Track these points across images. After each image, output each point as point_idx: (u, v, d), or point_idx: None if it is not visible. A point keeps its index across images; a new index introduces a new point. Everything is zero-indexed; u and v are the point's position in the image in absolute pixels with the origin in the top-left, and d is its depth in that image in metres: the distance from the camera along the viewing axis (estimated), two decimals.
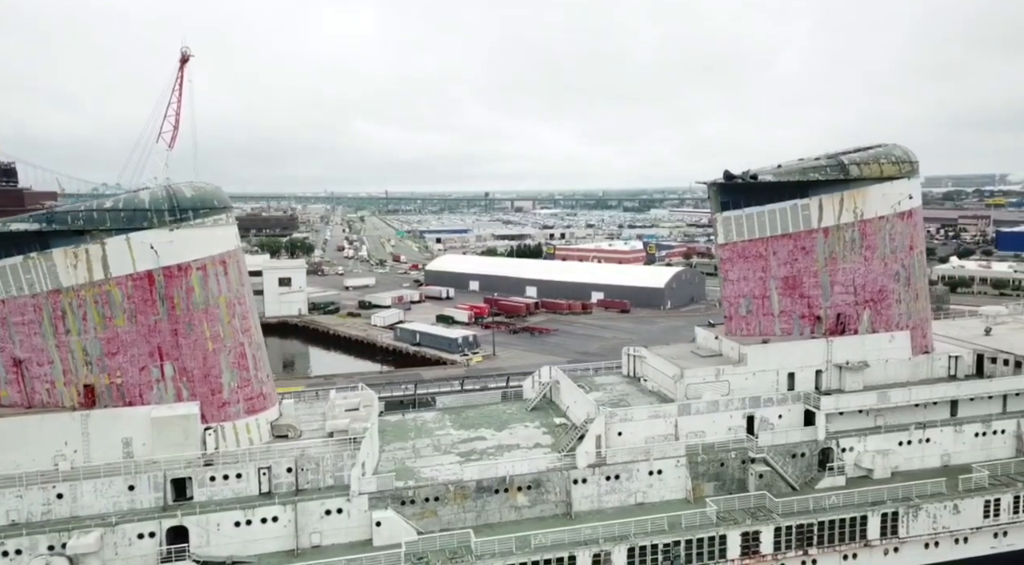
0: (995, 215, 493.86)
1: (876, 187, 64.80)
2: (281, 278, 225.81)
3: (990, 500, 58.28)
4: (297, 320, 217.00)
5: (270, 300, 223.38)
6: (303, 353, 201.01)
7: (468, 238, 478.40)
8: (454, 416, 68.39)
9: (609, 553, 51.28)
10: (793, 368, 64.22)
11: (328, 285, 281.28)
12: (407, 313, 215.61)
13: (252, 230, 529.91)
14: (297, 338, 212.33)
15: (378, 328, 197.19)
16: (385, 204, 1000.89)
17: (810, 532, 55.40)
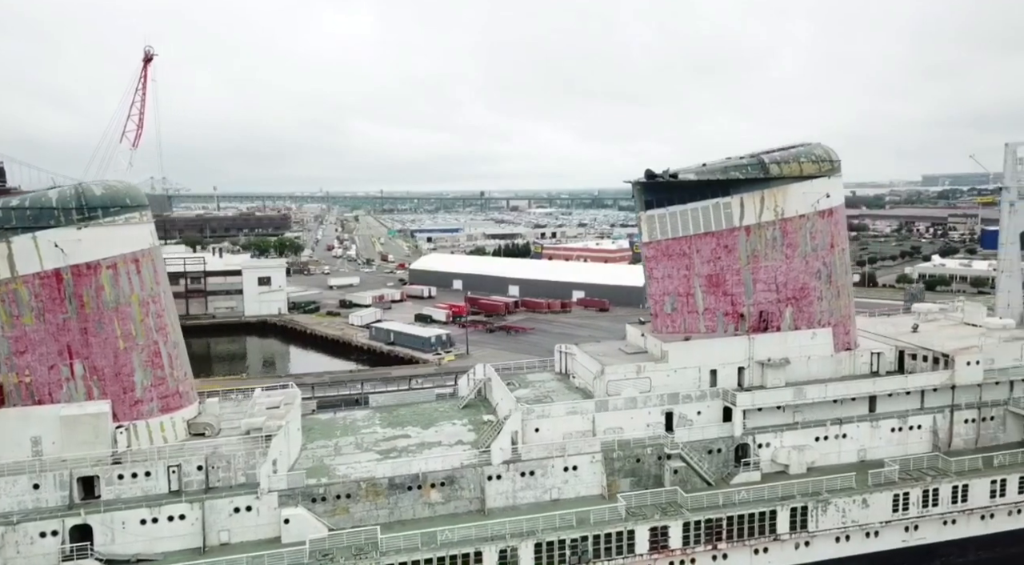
0: (985, 213, 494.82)
1: (796, 186, 65.63)
2: (260, 277, 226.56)
3: (899, 494, 59.16)
4: (276, 319, 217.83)
5: (250, 299, 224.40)
6: (283, 352, 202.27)
7: (459, 237, 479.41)
8: (384, 414, 69.20)
9: (516, 549, 52.07)
10: (715, 365, 65.03)
11: (313, 284, 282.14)
12: (388, 312, 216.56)
13: (245, 229, 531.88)
14: (276, 337, 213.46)
15: (355, 327, 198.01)
16: (381, 204, 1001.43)
17: (719, 527, 56.24)
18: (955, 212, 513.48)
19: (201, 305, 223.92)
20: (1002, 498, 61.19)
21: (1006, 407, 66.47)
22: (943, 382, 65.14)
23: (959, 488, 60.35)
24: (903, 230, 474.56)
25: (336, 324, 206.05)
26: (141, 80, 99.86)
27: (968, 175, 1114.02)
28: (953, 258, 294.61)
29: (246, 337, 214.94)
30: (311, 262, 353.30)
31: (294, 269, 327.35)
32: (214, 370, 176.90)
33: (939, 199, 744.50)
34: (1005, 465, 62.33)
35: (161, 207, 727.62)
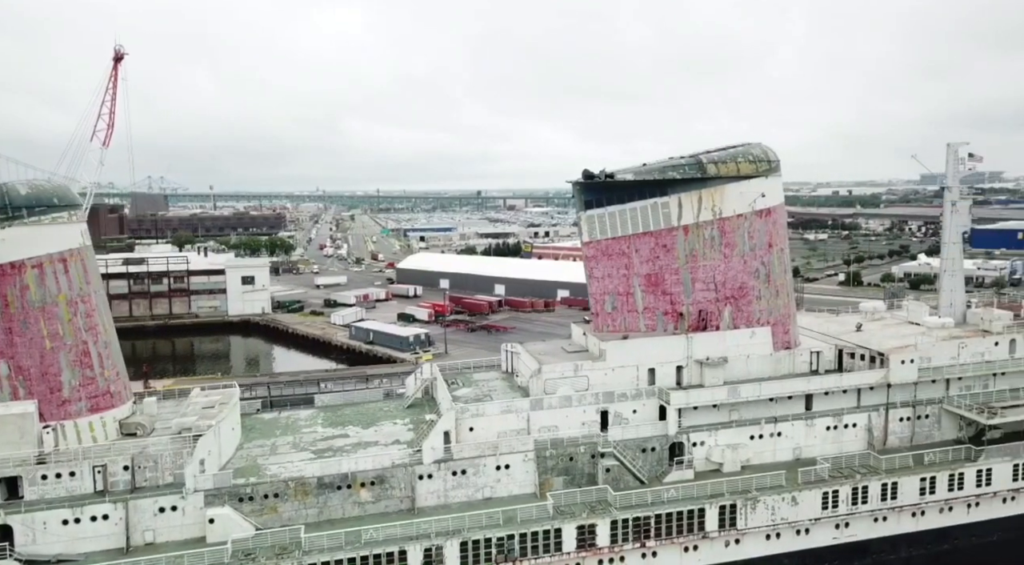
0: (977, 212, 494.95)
1: (733, 185, 66.06)
2: (244, 277, 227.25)
3: (828, 492, 59.58)
4: (259, 318, 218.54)
5: (233, 299, 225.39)
6: (266, 352, 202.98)
7: (452, 236, 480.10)
8: (328, 414, 69.65)
9: (441, 547, 52.48)
10: (653, 364, 65.46)
11: (301, 284, 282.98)
12: (372, 311, 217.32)
13: (239, 229, 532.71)
14: (259, 337, 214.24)
15: (336, 327, 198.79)
16: (377, 203, 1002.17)
17: (647, 525, 56.67)
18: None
19: (184, 304, 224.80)
20: (932, 495, 61.59)
21: (941, 405, 66.82)
22: (878, 381, 65.60)
23: (888, 486, 60.77)
24: (895, 229, 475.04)
25: (318, 324, 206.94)
26: (111, 79, 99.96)
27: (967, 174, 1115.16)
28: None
29: (229, 337, 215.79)
30: (301, 261, 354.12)
31: (283, 268, 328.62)
32: (197, 369, 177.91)
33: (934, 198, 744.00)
34: (935, 463, 62.70)
35: (157, 206, 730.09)
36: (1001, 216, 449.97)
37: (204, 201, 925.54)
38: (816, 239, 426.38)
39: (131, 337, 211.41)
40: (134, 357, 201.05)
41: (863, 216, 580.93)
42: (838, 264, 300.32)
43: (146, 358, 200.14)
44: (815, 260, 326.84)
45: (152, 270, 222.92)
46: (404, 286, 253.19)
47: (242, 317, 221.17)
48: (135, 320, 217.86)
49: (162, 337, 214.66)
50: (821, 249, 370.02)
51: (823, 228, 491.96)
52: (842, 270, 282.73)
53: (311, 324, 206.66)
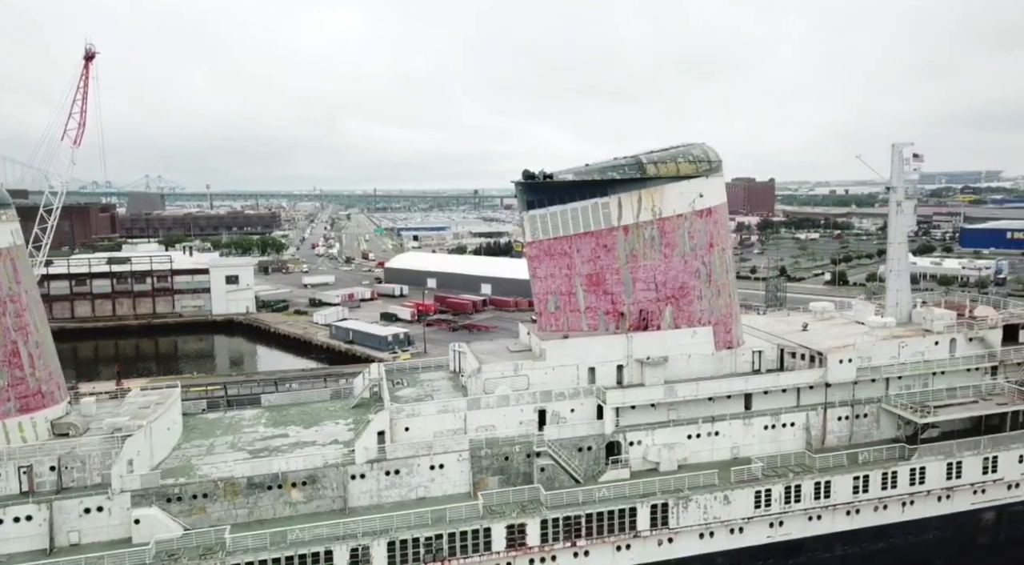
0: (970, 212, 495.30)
1: (673, 186, 66.28)
2: (228, 276, 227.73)
3: (761, 491, 59.84)
4: (242, 318, 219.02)
5: (217, 298, 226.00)
6: (249, 351, 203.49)
7: (445, 235, 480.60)
8: (273, 414, 69.94)
9: (368, 547, 52.70)
10: (593, 363, 65.70)
11: (290, 283, 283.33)
12: (357, 311, 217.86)
13: (234, 228, 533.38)
14: (242, 336, 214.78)
15: (318, 326, 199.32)
16: (374, 202, 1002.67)
17: (578, 524, 56.90)
18: (940, 210, 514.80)
19: (168, 304, 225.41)
20: (865, 494, 61.84)
21: (879, 404, 67.07)
22: (816, 380, 65.87)
23: (822, 484, 61.03)
24: (886, 228, 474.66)
25: (300, 323, 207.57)
26: (83, 78, 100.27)
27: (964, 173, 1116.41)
28: (930, 256, 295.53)
29: (213, 336, 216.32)
30: (292, 261, 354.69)
31: (272, 268, 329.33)
32: (182, 369, 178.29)
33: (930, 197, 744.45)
34: (869, 462, 62.97)
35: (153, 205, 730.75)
36: (994, 216, 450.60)
37: (201, 200, 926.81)
38: (807, 239, 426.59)
39: (114, 336, 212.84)
40: (117, 356, 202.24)
41: (857, 215, 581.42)
42: (826, 263, 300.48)
43: (128, 357, 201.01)
44: (804, 259, 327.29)
45: (135, 269, 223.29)
46: (390, 285, 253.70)
47: (226, 316, 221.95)
48: (118, 319, 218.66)
49: (145, 336, 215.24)
50: (811, 248, 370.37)
51: (816, 227, 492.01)
52: (829, 269, 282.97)
53: (293, 323, 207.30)
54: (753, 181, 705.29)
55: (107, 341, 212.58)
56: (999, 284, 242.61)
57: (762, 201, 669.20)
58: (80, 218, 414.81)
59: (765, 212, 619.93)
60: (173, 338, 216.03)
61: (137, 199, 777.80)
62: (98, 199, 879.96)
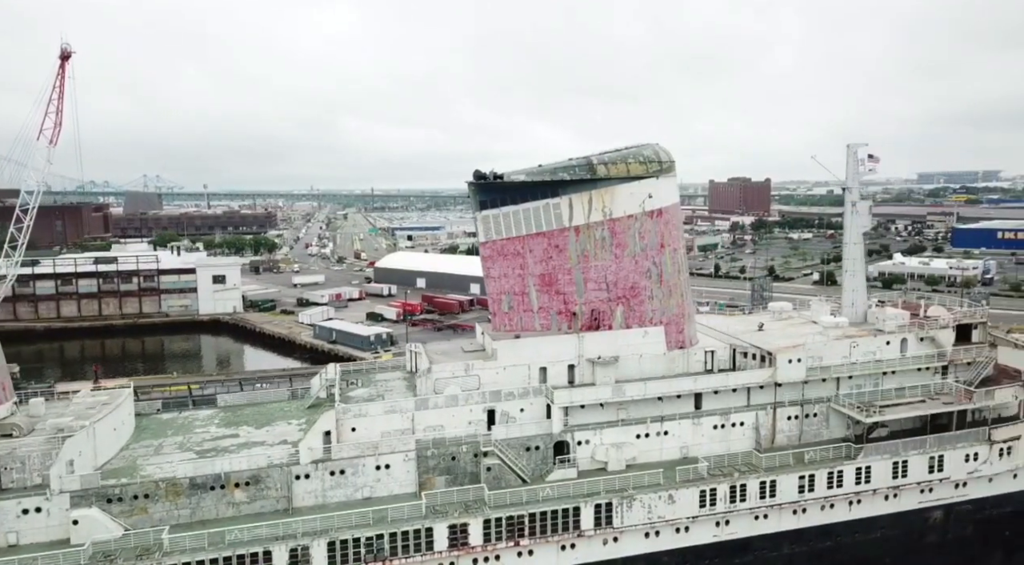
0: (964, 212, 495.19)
1: (624, 186, 66.52)
2: (215, 276, 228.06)
3: (706, 490, 60.07)
4: (228, 318, 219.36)
5: (204, 298, 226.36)
6: (236, 350, 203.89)
7: (440, 235, 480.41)
8: (227, 414, 70.18)
9: (308, 547, 52.87)
10: (544, 363, 65.95)
11: (280, 282, 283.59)
12: (344, 311, 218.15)
13: (229, 227, 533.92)
14: (228, 336, 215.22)
15: (303, 326, 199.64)
16: (372, 201, 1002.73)
17: (521, 523, 57.12)
18: (934, 210, 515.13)
19: (155, 303, 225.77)
20: (811, 493, 62.06)
21: (829, 404, 67.29)
22: (765, 380, 66.08)
23: (767, 484, 61.26)
24: (879, 228, 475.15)
25: (286, 323, 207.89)
26: (59, 77, 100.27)
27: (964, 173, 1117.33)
28: (920, 256, 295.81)
29: (200, 336, 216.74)
30: (283, 260, 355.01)
31: (264, 267, 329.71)
32: (167, 368, 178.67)
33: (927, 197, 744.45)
34: (815, 461, 63.21)
35: (151, 205, 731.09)
36: (988, 216, 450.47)
37: (199, 200, 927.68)
38: (800, 238, 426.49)
39: (100, 336, 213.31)
40: (103, 356, 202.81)
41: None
42: (816, 263, 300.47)
43: (115, 357, 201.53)
44: (795, 259, 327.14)
45: (122, 269, 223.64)
46: (379, 285, 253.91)
47: (212, 316, 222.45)
48: (104, 319, 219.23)
49: (132, 336, 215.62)
50: (803, 248, 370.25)
51: (809, 227, 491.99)
52: (818, 269, 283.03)
53: (279, 323, 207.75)
54: (749, 181, 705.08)
55: (93, 341, 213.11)
56: (986, 284, 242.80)
57: (758, 201, 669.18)
58: (72, 218, 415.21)
59: (761, 212, 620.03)
60: (160, 338, 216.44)
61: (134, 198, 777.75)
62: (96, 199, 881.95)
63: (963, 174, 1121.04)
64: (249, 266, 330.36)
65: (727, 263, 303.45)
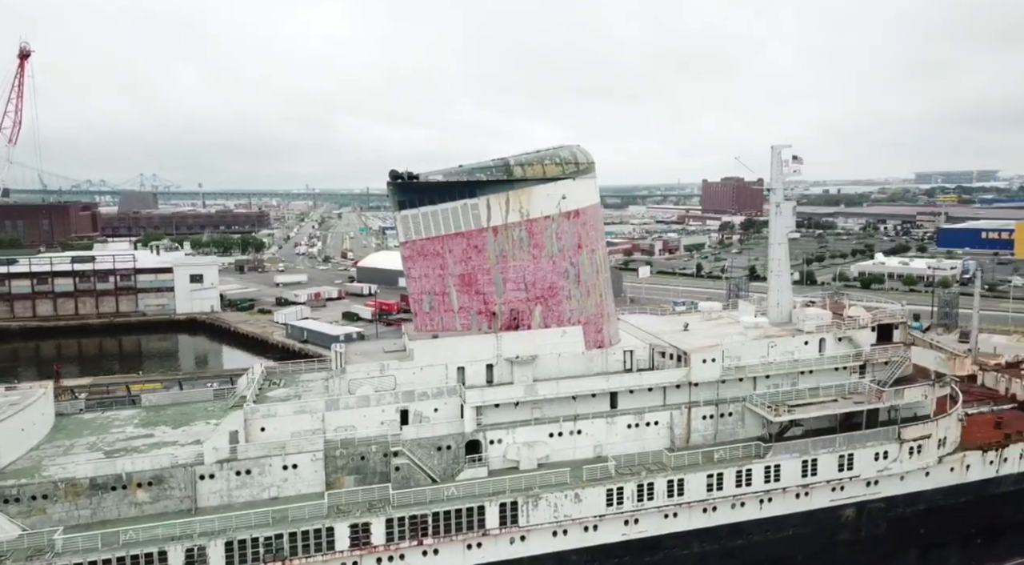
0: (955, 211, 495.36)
1: (540, 187, 66.73)
2: (192, 275, 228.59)
3: (613, 489, 60.31)
4: (205, 317, 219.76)
5: (181, 297, 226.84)
6: (213, 350, 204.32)
7: None
8: (149, 414, 70.40)
9: (204, 548, 53.05)
10: (462, 362, 66.16)
11: (263, 281, 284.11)
12: (322, 310, 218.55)
13: (222, 226, 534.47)
14: (204, 335, 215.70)
15: (277, 325, 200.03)
16: (368, 200, 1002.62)
17: (424, 522, 57.36)
18: (924, 210, 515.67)
19: (132, 302, 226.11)
20: (720, 492, 62.29)
21: (744, 403, 67.51)
22: (679, 379, 66.30)
23: (675, 482, 61.49)
24: (869, 228, 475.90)
25: (261, 322, 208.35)
26: (18, 76, 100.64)
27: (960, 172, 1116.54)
28: (903, 256, 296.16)
29: (177, 335, 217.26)
30: (269, 259, 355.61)
31: (249, 267, 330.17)
32: (145, 367, 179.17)
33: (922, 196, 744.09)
34: (725, 460, 63.45)
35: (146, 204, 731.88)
36: (978, 216, 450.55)
37: (195, 199, 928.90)
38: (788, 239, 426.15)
39: (76, 335, 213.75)
40: (80, 355, 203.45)
41: (843, 215, 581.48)
42: (798, 263, 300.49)
43: (92, 356, 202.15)
44: None
45: (98, 268, 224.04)
46: (361, 285, 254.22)
47: (189, 315, 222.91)
48: (81, 318, 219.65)
49: (108, 335, 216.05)
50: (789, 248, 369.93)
51: (799, 227, 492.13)
52: (799, 269, 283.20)
53: (254, 323, 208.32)
54: (742, 181, 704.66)
55: (70, 340, 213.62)
56: (963, 283, 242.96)
57: (751, 200, 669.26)
58: (59, 217, 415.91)
59: (753, 212, 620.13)
60: (136, 337, 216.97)
61: (129, 197, 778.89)
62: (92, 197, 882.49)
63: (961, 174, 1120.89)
64: (234, 265, 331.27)
65: (710, 263, 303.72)
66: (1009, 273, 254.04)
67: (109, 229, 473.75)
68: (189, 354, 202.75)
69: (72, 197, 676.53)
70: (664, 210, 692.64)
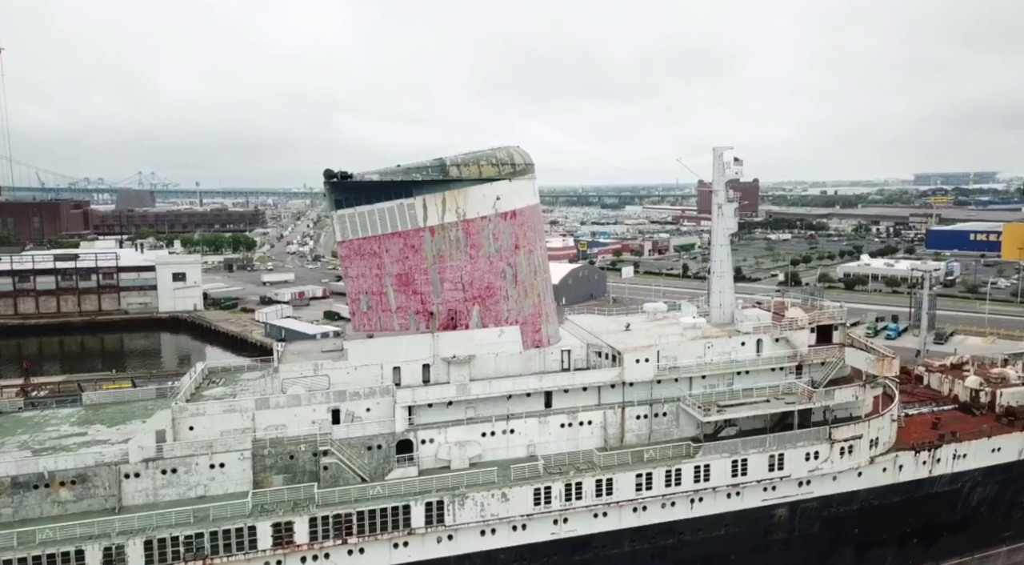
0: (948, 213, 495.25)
1: (477, 188, 66.81)
2: (175, 273, 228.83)
3: (540, 488, 60.38)
4: (187, 315, 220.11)
5: (164, 295, 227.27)
6: (196, 348, 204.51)
7: None
8: (87, 412, 70.45)
9: (123, 547, 53.07)
10: (398, 362, 66.22)
11: (250, 280, 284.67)
12: (305, 309, 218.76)
13: (216, 225, 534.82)
14: (187, 333, 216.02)
15: (257, 324, 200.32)
16: None
17: (349, 521, 57.42)
18: (916, 212, 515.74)
19: (114, 301, 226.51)
20: (649, 491, 62.35)
21: (679, 404, 67.56)
22: (612, 379, 66.39)
23: (604, 482, 61.57)
24: (861, 229, 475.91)
25: (242, 321, 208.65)
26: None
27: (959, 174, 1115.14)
28: (890, 257, 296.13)
29: (160, 333, 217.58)
30: (259, 258, 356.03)
31: (238, 265, 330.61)
32: (126, 366, 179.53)
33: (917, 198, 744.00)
34: (655, 459, 63.51)
35: (143, 202, 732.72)
36: (970, 218, 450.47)
37: (192, 197, 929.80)
38: (779, 239, 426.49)
39: (57, 333, 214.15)
40: (62, 353, 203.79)
41: (838, 216, 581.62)
42: (786, 265, 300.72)
43: (74, 354, 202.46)
44: (768, 260, 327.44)
45: (81, 266, 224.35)
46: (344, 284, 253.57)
47: (172, 314, 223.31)
48: (63, 316, 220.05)
49: (90, 333, 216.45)
50: (779, 249, 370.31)
51: (792, 228, 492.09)
52: (782, 269, 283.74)
53: (234, 321, 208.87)
54: (737, 181, 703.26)
55: (51, 338, 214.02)
56: (947, 285, 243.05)
57: (747, 201, 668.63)
58: (50, 215, 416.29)
59: (748, 212, 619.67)
60: (119, 335, 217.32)
61: (126, 196, 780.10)
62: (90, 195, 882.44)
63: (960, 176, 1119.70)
64: (223, 264, 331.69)
65: (698, 263, 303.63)
66: (994, 275, 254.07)
67: (104, 227, 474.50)
68: (172, 353, 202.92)
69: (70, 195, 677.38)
70: (660, 210, 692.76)
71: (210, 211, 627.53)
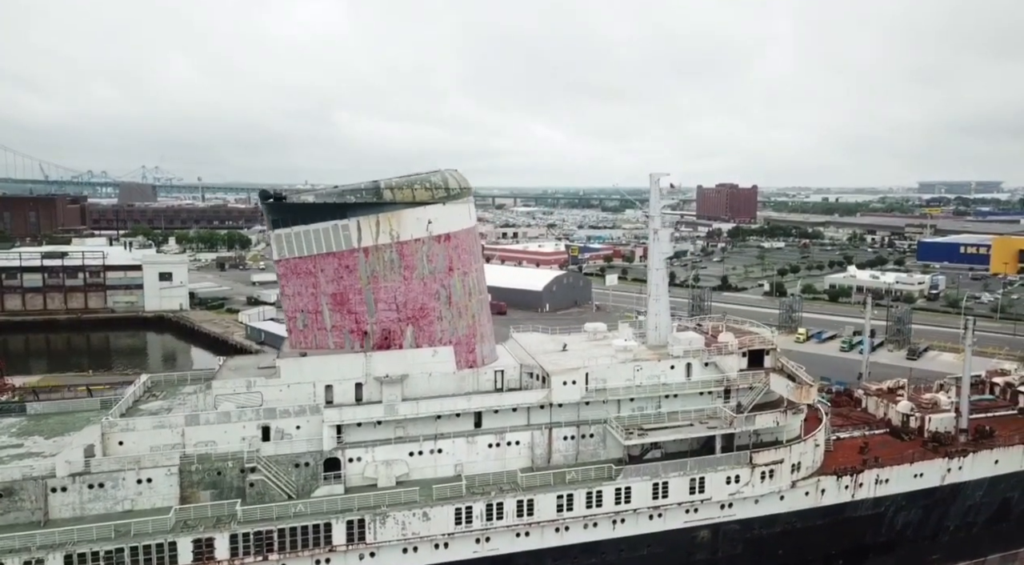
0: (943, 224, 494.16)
1: (410, 211, 67.95)
2: (162, 273, 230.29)
3: (462, 508, 61.52)
4: (172, 315, 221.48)
5: (150, 294, 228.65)
6: (181, 348, 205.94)
7: None
8: (29, 423, 71.60)
9: (43, 561, 54.27)
10: (331, 380, 67.40)
11: (241, 279, 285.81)
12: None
13: (215, 221, 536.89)
14: (171, 333, 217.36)
15: (240, 325, 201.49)
16: None
17: (271, 538, 58.63)
18: (912, 221, 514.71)
19: (100, 299, 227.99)
20: (570, 512, 63.43)
21: (605, 425, 68.63)
22: (540, 400, 67.50)
23: (525, 502, 62.67)
24: (855, 239, 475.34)
25: (225, 321, 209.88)
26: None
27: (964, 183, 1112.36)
28: (877, 269, 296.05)
29: (145, 332, 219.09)
30: (251, 257, 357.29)
31: (230, 264, 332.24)
32: (114, 364, 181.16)
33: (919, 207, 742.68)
34: (577, 481, 64.59)
35: (145, 197, 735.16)
36: (966, 229, 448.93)
37: (194, 192, 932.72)
38: (772, 248, 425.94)
39: (43, 330, 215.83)
40: (48, 351, 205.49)
41: (835, 224, 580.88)
42: (771, 274, 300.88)
43: (59, 352, 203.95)
44: (759, 269, 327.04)
45: (67, 264, 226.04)
46: None
47: (157, 313, 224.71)
48: (49, 313, 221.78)
49: (76, 331, 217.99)
50: (771, 257, 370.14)
51: (788, 236, 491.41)
52: (767, 279, 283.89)
53: (218, 322, 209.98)
54: (736, 187, 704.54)
55: (37, 335, 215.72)
56: (931, 298, 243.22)
57: (745, 207, 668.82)
58: (46, 209, 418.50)
59: (746, 219, 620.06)
60: (105, 334, 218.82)
61: (128, 190, 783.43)
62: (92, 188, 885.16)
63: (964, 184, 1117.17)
64: (216, 262, 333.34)
65: (687, 271, 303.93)
66: (980, 289, 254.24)
67: (103, 222, 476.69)
68: (157, 352, 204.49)
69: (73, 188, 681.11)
70: None
71: (209, 207, 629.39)
